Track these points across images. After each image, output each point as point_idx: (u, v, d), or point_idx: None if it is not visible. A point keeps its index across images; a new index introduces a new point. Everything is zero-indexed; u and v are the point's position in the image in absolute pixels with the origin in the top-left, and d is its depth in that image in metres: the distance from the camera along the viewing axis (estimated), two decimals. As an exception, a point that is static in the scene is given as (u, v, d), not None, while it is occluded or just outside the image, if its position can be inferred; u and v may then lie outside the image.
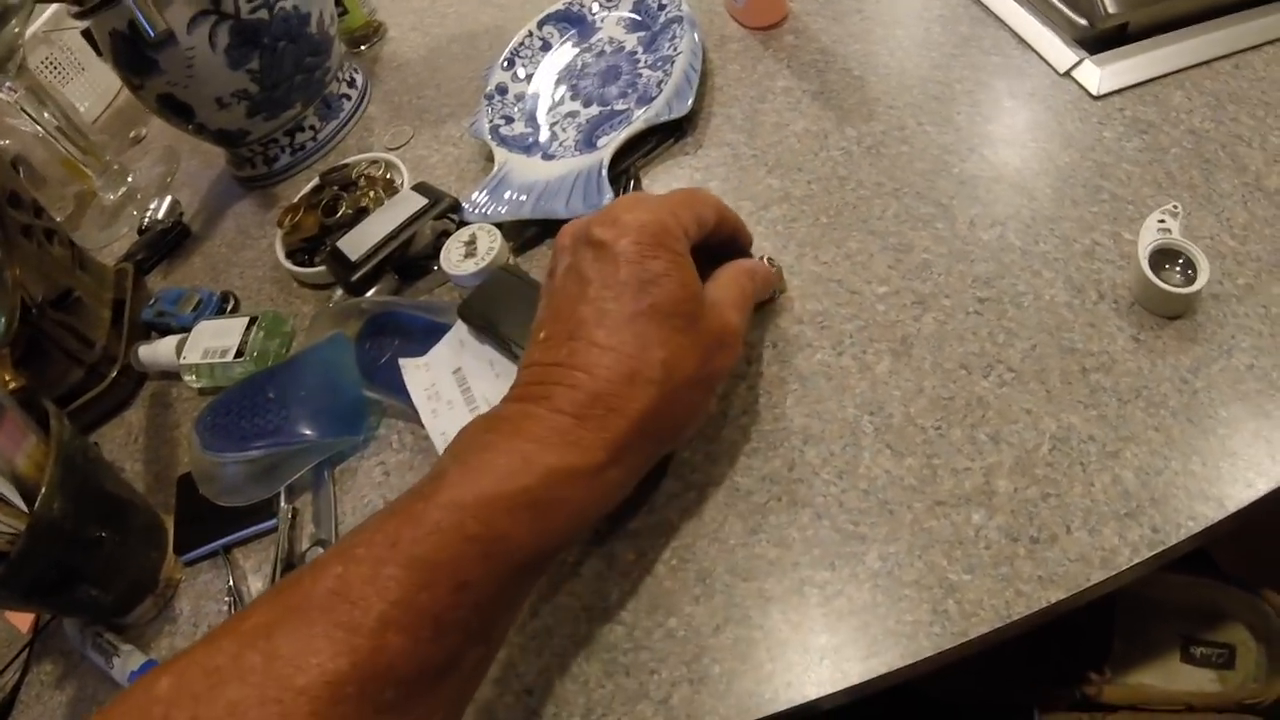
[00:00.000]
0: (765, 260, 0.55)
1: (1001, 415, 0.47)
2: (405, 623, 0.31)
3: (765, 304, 0.56)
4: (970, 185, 0.58)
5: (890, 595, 0.43)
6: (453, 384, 0.58)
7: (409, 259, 0.66)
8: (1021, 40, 0.64)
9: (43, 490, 0.45)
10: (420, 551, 0.32)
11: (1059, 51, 0.62)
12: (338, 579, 0.31)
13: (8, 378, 0.53)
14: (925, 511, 0.45)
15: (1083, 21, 0.61)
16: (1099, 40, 0.61)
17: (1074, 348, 0.48)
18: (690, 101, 0.66)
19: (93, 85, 1.10)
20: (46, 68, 1.03)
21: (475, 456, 0.36)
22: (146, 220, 0.81)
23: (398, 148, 0.81)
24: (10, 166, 0.75)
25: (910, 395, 0.49)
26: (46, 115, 0.84)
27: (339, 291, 0.67)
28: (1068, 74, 0.61)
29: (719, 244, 0.47)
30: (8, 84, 0.79)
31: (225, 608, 0.56)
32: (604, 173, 0.63)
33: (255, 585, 0.57)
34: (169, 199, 0.83)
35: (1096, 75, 0.59)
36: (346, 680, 0.29)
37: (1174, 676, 0.66)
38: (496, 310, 0.57)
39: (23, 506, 0.45)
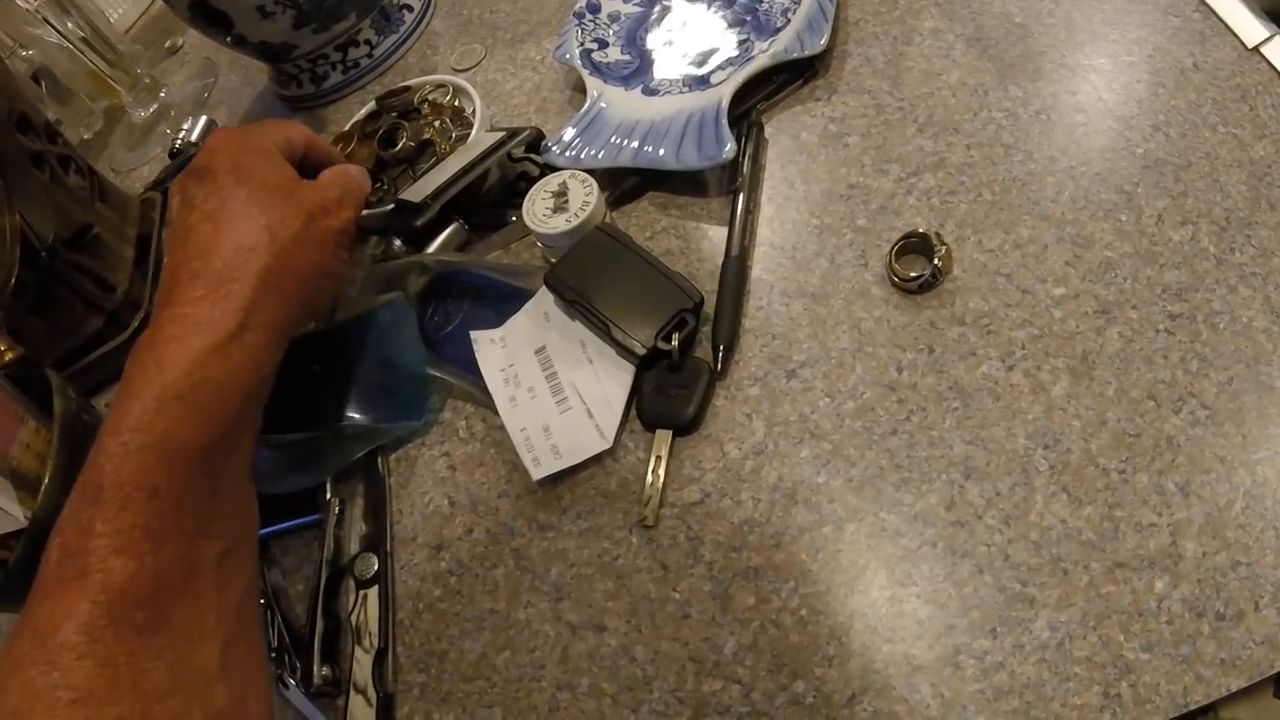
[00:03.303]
0: (934, 235, 0.46)
1: (1193, 462, 0.40)
2: (120, 546, 0.33)
3: (928, 288, 0.46)
4: (1156, 170, 0.48)
5: (1058, 673, 0.37)
6: (535, 367, 0.49)
7: (480, 201, 0.56)
8: (1203, 2, 0.54)
9: (44, 485, 0.38)
10: (106, 481, 0.35)
11: (1246, 21, 0.52)
12: (59, 546, 0.34)
13: (1, 348, 0.44)
14: (1103, 574, 0.38)
15: (1274, -10, 0.51)
16: (1295, 13, 0.51)
17: (1273, 385, 0.41)
18: (826, 37, 0.55)
19: (128, -12, 1.01)
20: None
21: (123, 384, 0.38)
22: (179, 142, 0.72)
23: (466, 69, 0.71)
24: (28, 82, 0.66)
25: (1092, 428, 0.42)
26: (70, 25, 0.75)
27: (396, 242, 0.58)
28: (1256, 49, 0.51)
29: (315, 171, 0.49)
30: (26, -10, 0.70)
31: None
32: (723, 116, 0.53)
33: (296, 587, 0.49)
34: (204, 119, 0.74)
35: (1291, 56, 0.50)
36: (95, 619, 0.32)
37: (1268, 714, 0.60)
38: (591, 281, 0.48)
39: (19, 515, 0.37)
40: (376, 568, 0.47)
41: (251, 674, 0.37)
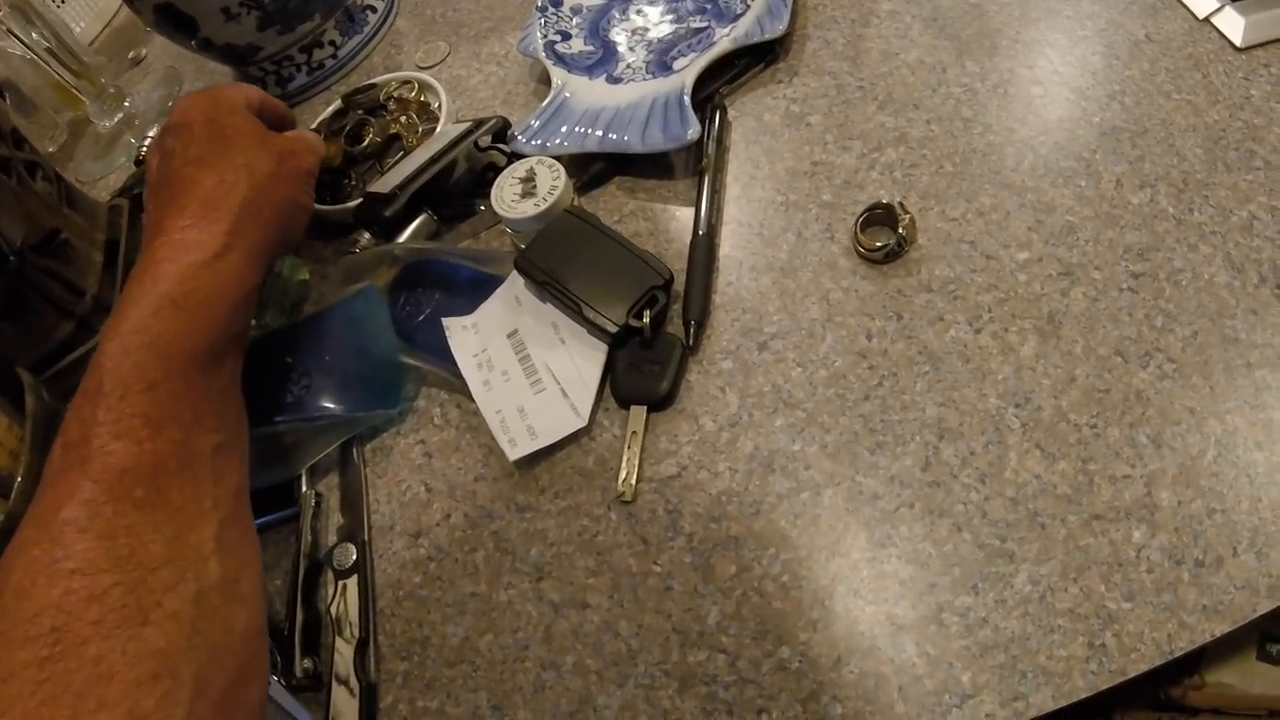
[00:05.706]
0: (898, 205, 0.46)
1: (1163, 414, 0.40)
2: (120, 430, 0.36)
3: (894, 257, 0.47)
4: (1113, 137, 0.49)
5: (1041, 625, 0.37)
6: (508, 350, 0.49)
7: (448, 192, 0.56)
8: (1153, -24, 0.55)
9: (17, 483, 0.37)
10: (106, 377, 0.37)
11: None
12: (62, 443, 0.37)
13: (-27, 348, 0.44)
14: (1081, 526, 0.39)
15: (1220, -37, 0.52)
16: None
17: (1237, 338, 0.42)
18: (786, 21, 0.56)
19: (90, 3, 1.01)
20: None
21: (121, 298, 0.42)
22: (144, 151, 0.71)
23: (431, 67, 0.71)
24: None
25: (1061, 385, 0.42)
26: (35, 35, 0.75)
27: (365, 236, 0.58)
28: (1207, 20, 0.52)
29: (271, 126, 0.53)
30: (-11, 3, 0.69)
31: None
32: (687, 99, 0.53)
33: (274, 582, 0.49)
34: (169, 126, 0.73)
35: (1240, 25, 0.51)
36: (95, 496, 0.34)
37: (1251, 676, 0.60)
38: (562, 262, 0.48)
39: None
40: (355, 557, 0.47)
41: (246, 556, 0.39)
